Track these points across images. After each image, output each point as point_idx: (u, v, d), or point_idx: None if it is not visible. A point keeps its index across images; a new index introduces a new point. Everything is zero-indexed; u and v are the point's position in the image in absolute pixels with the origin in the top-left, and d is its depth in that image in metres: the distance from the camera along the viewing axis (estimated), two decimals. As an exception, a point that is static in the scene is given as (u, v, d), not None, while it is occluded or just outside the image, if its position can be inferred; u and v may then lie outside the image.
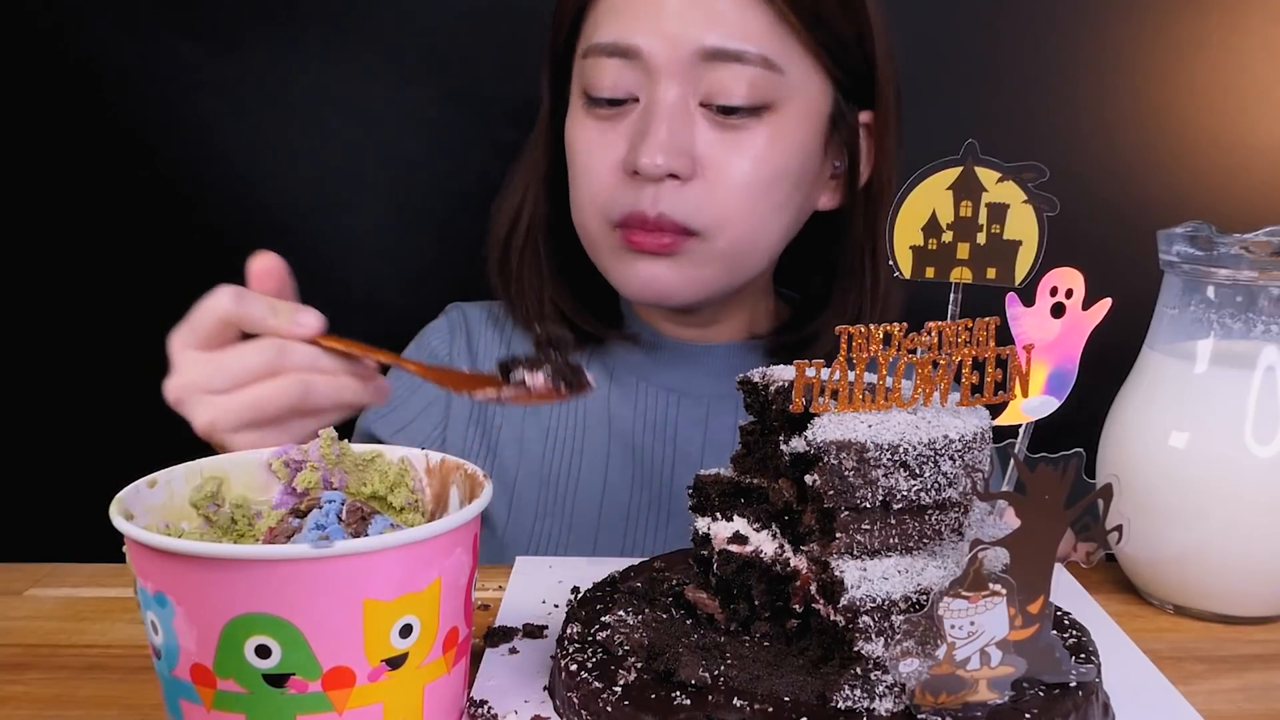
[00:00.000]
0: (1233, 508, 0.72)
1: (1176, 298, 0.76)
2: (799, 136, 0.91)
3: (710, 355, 1.02)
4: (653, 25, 0.87)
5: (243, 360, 0.71)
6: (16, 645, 0.70)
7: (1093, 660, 0.59)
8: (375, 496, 0.61)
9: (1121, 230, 1.05)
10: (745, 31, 0.87)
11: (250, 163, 1.20)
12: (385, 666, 0.50)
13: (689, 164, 0.88)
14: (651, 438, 1.00)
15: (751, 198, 0.90)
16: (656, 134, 0.87)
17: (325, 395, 0.72)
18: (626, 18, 0.89)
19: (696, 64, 0.87)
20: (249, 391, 0.70)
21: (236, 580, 0.48)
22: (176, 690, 0.51)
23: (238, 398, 0.70)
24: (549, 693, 0.61)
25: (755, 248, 0.93)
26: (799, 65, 0.90)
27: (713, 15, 0.87)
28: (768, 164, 0.89)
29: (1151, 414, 0.76)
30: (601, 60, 0.90)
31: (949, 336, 0.57)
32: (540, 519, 0.99)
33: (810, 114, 0.92)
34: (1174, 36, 1.19)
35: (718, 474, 0.66)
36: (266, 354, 0.70)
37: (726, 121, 0.88)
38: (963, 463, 0.55)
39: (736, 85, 0.87)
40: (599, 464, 1.00)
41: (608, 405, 1.01)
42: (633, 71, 0.89)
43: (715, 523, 0.66)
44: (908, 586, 0.54)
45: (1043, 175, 0.59)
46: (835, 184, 0.98)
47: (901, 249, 0.61)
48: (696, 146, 0.88)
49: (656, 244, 0.89)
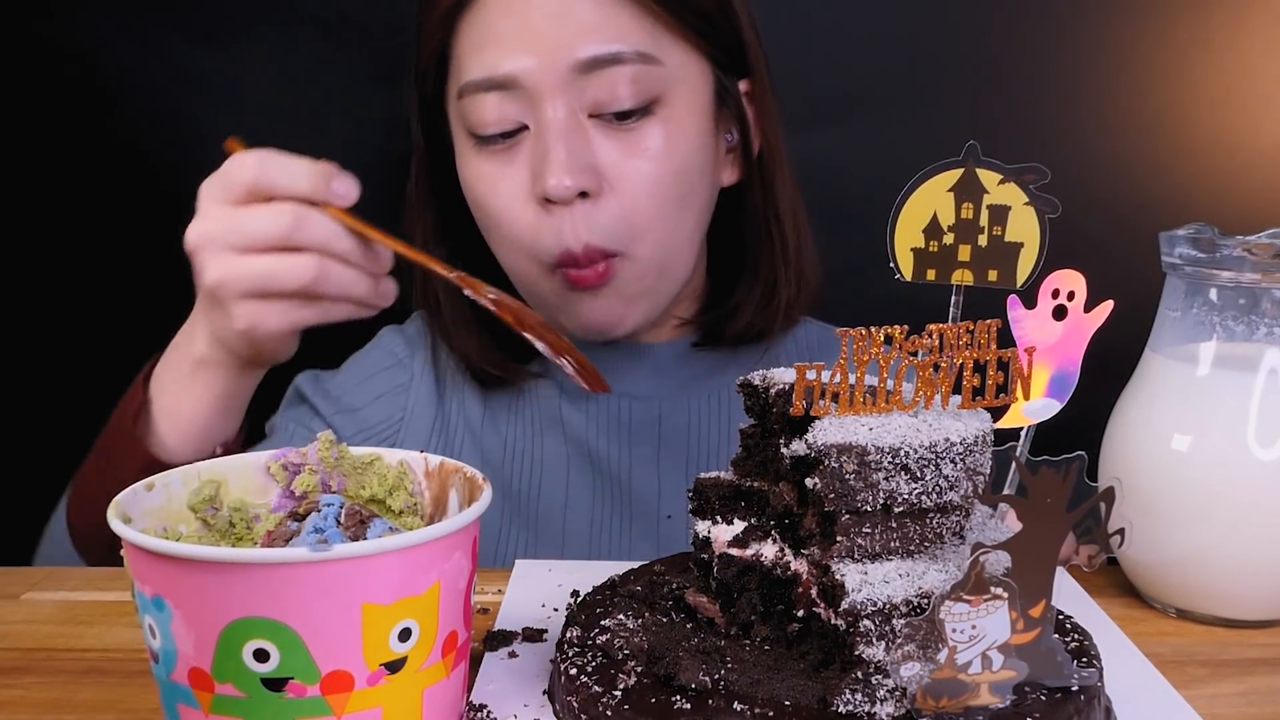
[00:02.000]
0: (1235, 511, 0.72)
1: (1179, 300, 0.75)
2: (692, 122, 0.91)
3: (650, 354, 1.01)
4: (522, 49, 0.86)
5: (261, 222, 0.70)
6: (14, 649, 0.70)
7: (1095, 664, 0.58)
8: (374, 500, 0.61)
9: (1123, 232, 1.05)
10: (616, 32, 0.86)
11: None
12: (384, 670, 0.50)
13: (594, 179, 0.86)
14: (606, 443, 0.99)
15: (659, 198, 0.89)
16: (556, 155, 0.85)
17: (336, 283, 0.71)
18: (493, 49, 0.87)
19: (576, 77, 0.86)
20: (264, 260, 0.70)
21: (234, 584, 0.47)
22: (174, 694, 0.51)
23: (252, 263, 0.70)
24: (548, 697, 0.61)
25: (676, 246, 0.92)
26: (675, 52, 0.89)
27: (581, 25, 0.86)
28: (668, 160, 0.89)
29: (1154, 417, 0.75)
30: (480, 96, 0.88)
31: (950, 339, 0.56)
32: (505, 528, 0.98)
33: (696, 97, 0.91)
34: (1176, 37, 1.19)
35: (718, 477, 0.66)
36: (284, 219, 0.70)
37: (621, 126, 0.88)
38: (964, 466, 0.55)
39: (621, 88, 0.86)
40: (559, 471, 0.99)
41: (560, 413, 1.00)
42: (514, 100, 0.87)
43: (715, 526, 0.65)
44: (909, 590, 0.54)
45: (1044, 177, 0.59)
46: (732, 158, 0.98)
47: (902, 251, 0.61)
48: (598, 159, 0.87)
49: (595, 275, 0.89)
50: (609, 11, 0.86)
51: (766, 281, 0.99)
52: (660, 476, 0.99)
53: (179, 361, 0.85)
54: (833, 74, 1.19)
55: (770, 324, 1.00)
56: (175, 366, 0.85)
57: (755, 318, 0.99)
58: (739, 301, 1.00)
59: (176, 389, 0.85)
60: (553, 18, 0.85)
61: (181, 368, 0.84)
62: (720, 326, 1.01)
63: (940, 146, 0.61)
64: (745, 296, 1.00)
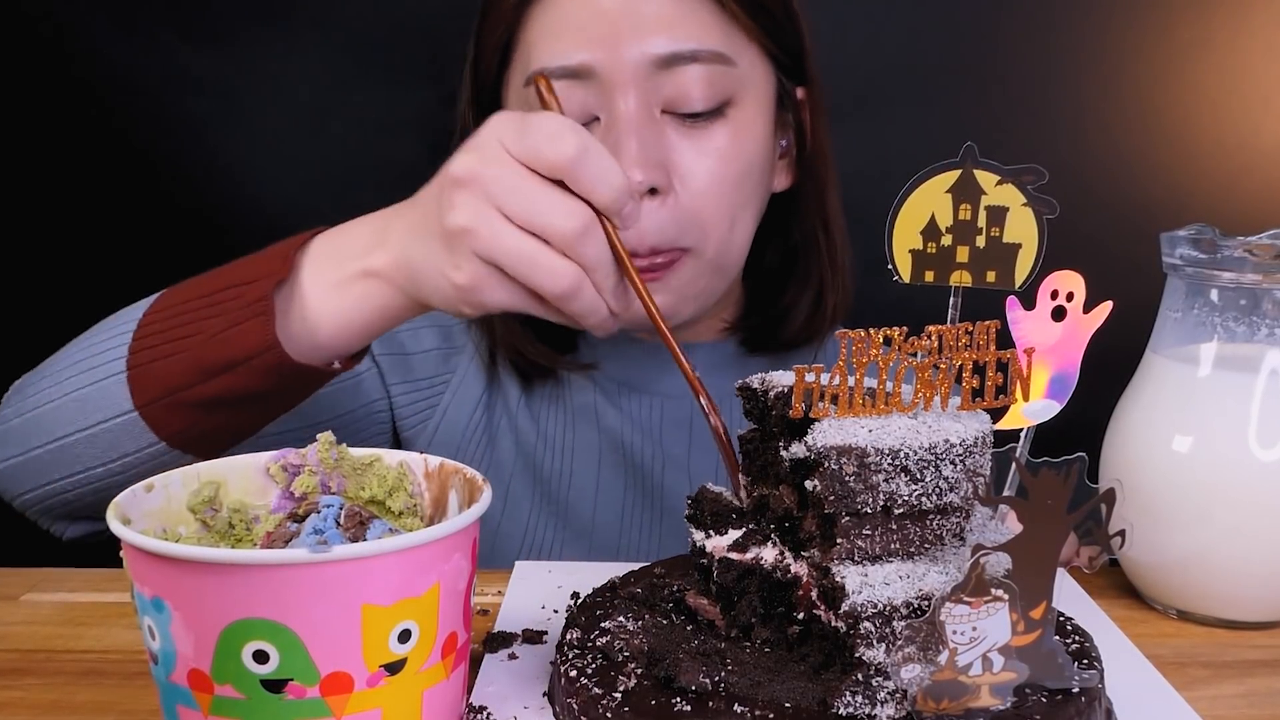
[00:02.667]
0: (1236, 512, 0.72)
1: (1179, 301, 0.75)
2: (758, 125, 0.91)
3: (694, 353, 1.01)
4: (599, 39, 0.84)
5: (554, 212, 0.65)
6: (13, 651, 0.70)
7: (1095, 666, 0.58)
8: (373, 501, 0.61)
9: (1123, 233, 1.05)
10: (694, 30, 0.85)
11: (247, 164, 1.20)
12: (384, 672, 0.50)
13: (664, 175, 0.86)
14: (640, 439, 1.00)
15: (725, 198, 0.89)
16: (628, 149, 0.84)
17: (580, 303, 0.66)
18: (568, 37, 0.85)
19: (652, 72, 0.85)
20: (530, 245, 0.65)
21: (234, 585, 0.47)
22: (174, 696, 0.51)
23: (518, 240, 0.65)
24: (548, 698, 0.61)
25: (734, 246, 0.93)
26: (746, 53, 0.89)
27: (659, 19, 0.85)
28: (736, 161, 0.89)
29: (1154, 418, 0.75)
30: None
31: (949, 340, 0.56)
32: (534, 517, 0.99)
33: (763, 100, 0.92)
34: (1177, 38, 1.19)
35: (720, 494, 0.66)
36: (576, 223, 0.65)
37: (692, 125, 0.87)
38: (964, 467, 0.55)
39: (696, 87, 0.86)
40: (591, 463, 0.99)
41: (594, 408, 1.01)
42: (587, 91, 0.85)
43: (709, 538, 0.66)
44: (909, 592, 0.54)
45: (1042, 178, 0.59)
46: (785, 163, 0.99)
47: (900, 253, 0.61)
48: (669, 155, 0.86)
49: (657, 268, 0.88)
50: (686, 9, 0.86)
51: (816, 286, 0.99)
52: (691, 476, 0.99)
53: (347, 258, 0.76)
54: (832, 75, 1.19)
55: (820, 329, 1.01)
56: (339, 263, 0.76)
57: (807, 322, 1.00)
58: (790, 306, 1.00)
59: (327, 283, 0.76)
60: (629, 10, 0.84)
61: (345, 266, 0.76)
62: (771, 331, 1.01)
63: (938, 147, 0.61)
64: (797, 301, 1.00)
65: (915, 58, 1.11)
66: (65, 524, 0.86)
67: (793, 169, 0.99)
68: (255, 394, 0.76)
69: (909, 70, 1.10)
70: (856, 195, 0.99)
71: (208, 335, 0.75)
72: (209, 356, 0.75)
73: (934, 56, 1.18)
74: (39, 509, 0.84)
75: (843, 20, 1.19)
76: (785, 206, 0.99)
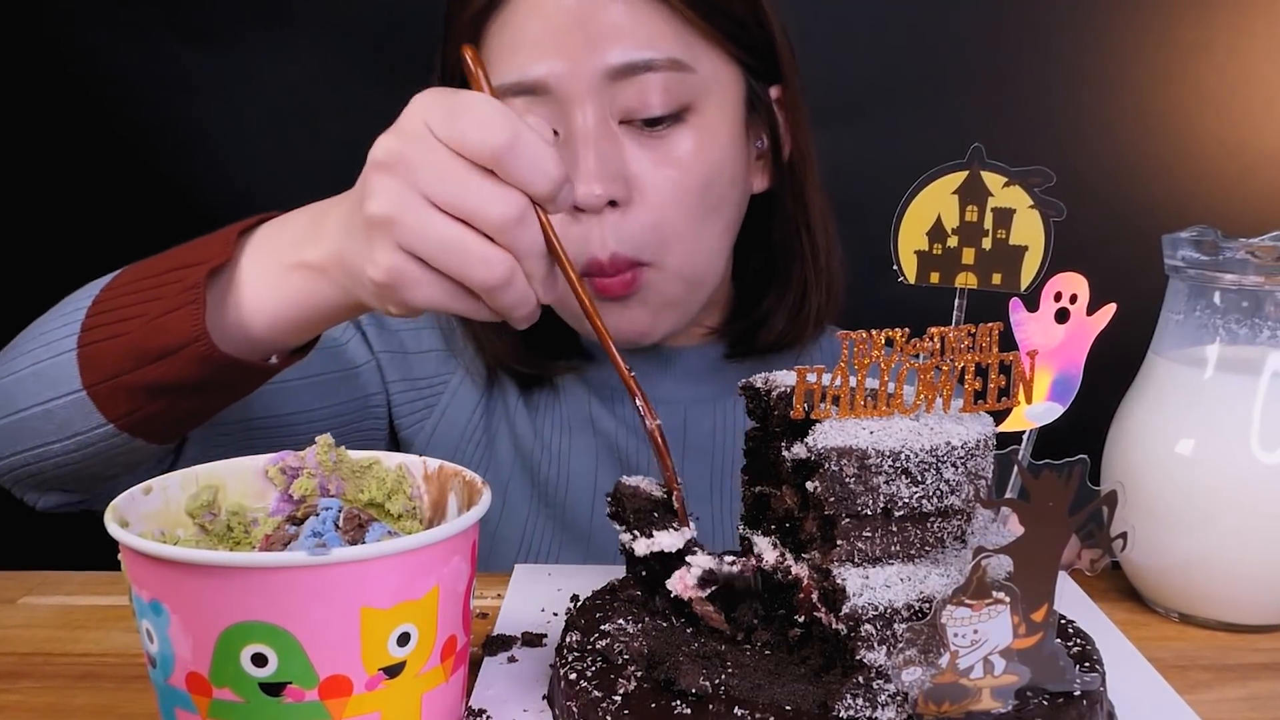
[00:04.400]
0: (1239, 514, 0.71)
1: (1182, 303, 0.75)
2: (724, 130, 0.90)
3: (676, 360, 1.01)
4: (552, 53, 0.84)
5: (491, 201, 0.60)
6: (10, 654, 0.70)
7: (1097, 669, 0.58)
8: (372, 503, 0.61)
9: (1126, 235, 1.05)
10: (648, 38, 0.85)
11: (246, 165, 1.20)
12: (383, 675, 0.50)
13: (624, 187, 0.85)
14: (636, 444, 0.99)
15: (687, 207, 0.88)
16: (586, 163, 0.84)
17: (511, 295, 0.62)
18: (523, 52, 0.85)
19: (607, 84, 0.84)
20: (456, 231, 0.60)
21: (232, 588, 0.47)
22: (172, 699, 0.50)
23: (444, 227, 0.60)
24: (548, 702, 0.61)
25: (701, 254, 0.91)
26: (707, 58, 0.88)
27: (612, 30, 0.84)
28: (697, 168, 0.88)
29: (1157, 420, 0.75)
30: (509, 101, 0.85)
31: (952, 342, 0.56)
32: (532, 520, 0.98)
33: (728, 104, 0.91)
34: (1179, 40, 1.19)
35: (637, 487, 0.64)
36: (512, 210, 0.60)
37: (651, 134, 0.86)
38: (965, 470, 0.55)
39: (653, 95, 0.85)
40: (588, 467, 0.99)
41: (590, 413, 1.00)
42: (543, 105, 0.85)
43: (635, 540, 0.64)
44: (910, 594, 0.53)
45: (1049, 180, 0.59)
46: (762, 164, 0.98)
47: (906, 254, 0.61)
48: (628, 167, 0.86)
49: (622, 284, 0.87)
50: (641, 17, 0.85)
51: (798, 289, 0.98)
52: (685, 482, 0.98)
53: (284, 248, 0.72)
54: (836, 76, 1.19)
55: (801, 332, 0.99)
56: (276, 253, 0.72)
57: (787, 326, 0.99)
58: (770, 310, 0.99)
59: (262, 274, 0.72)
60: (583, 22, 0.84)
61: (282, 257, 0.72)
62: (751, 335, 1.00)
63: (944, 149, 0.60)
64: (777, 305, 0.99)
65: (917, 59, 1.11)
66: (37, 494, 0.85)
67: (770, 169, 0.98)
68: (192, 384, 0.73)
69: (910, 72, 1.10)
70: (858, 196, 0.98)
71: (147, 319, 0.72)
72: (145, 343, 0.72)
73: (935, 58, 1.18)
74: (9, 478, 0.83)
75: (844, 21, 1.19)
76: (767, 208, 0.99)
